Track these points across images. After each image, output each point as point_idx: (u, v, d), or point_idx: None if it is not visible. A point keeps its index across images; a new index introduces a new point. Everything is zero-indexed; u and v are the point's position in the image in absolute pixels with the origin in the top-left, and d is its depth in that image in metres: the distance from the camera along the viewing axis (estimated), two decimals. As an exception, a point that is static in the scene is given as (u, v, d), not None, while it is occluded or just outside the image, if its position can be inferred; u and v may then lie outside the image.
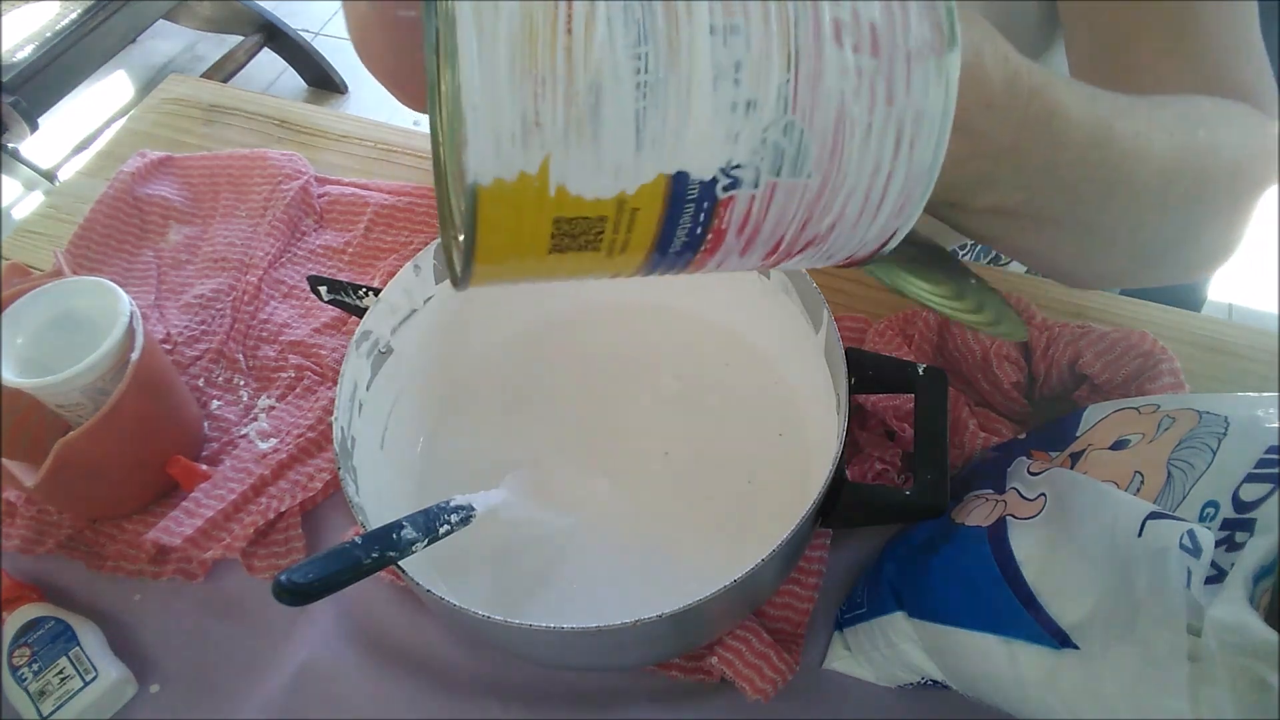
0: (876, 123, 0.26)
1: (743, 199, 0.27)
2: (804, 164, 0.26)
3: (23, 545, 0.60)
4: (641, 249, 0.28)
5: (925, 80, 0.26)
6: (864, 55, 0.26)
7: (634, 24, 0.24)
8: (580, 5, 0.23)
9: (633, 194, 0.25)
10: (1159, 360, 0.53)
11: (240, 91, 0.91)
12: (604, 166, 0.25)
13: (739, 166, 0.26)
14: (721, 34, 0.24)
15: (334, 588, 0.40)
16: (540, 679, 0.53)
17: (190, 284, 0.74)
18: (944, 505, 0.48)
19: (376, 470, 0.53)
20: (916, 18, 0.26)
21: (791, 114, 0.25)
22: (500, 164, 0.24)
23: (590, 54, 0.23)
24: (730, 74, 0.25)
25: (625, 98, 0.24)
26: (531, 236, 0.26)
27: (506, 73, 0.23)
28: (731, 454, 0.58)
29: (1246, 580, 0.33)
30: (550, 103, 0.24)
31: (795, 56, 0.25)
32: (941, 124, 0.27)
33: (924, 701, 0.50)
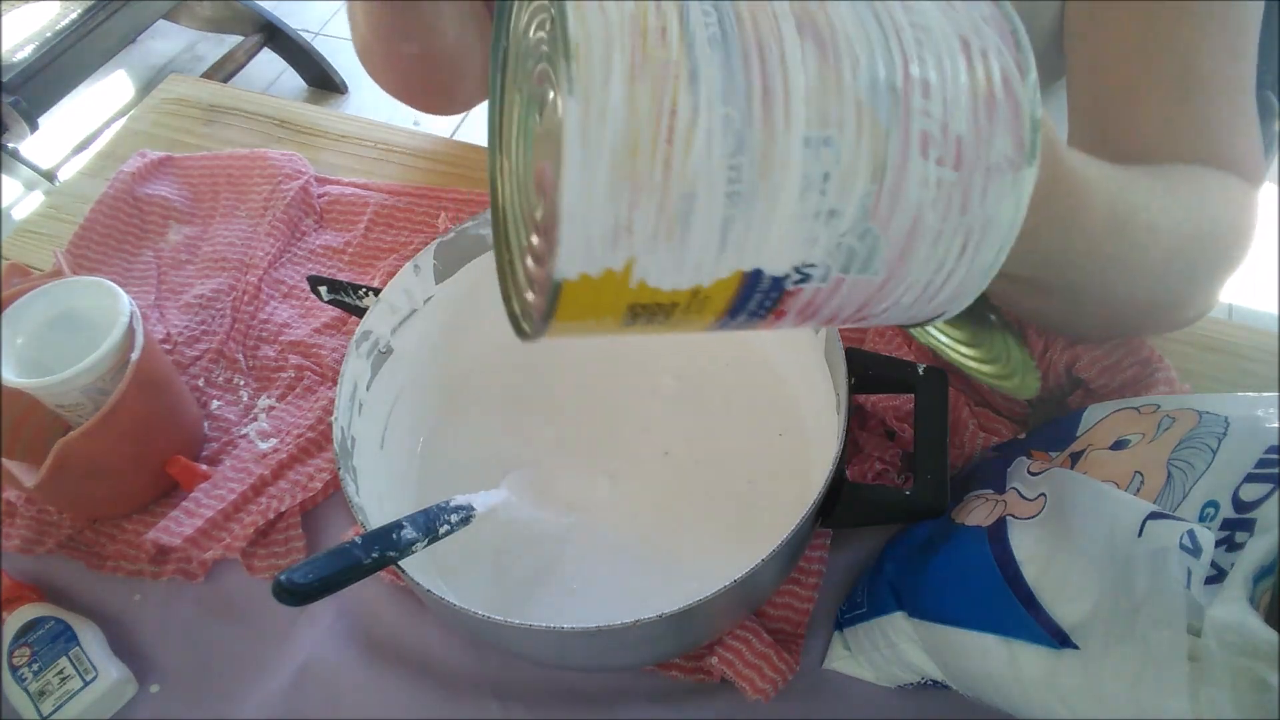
0: (948, 229, 0.27)
1: (809, 290, 0.27)
2: (873, 263, 0.27)
3: (23, 545, 0.60)
4: (705, 323, 0.29)
5: (1000, 193, 0.27)
6: (946, 168, 0.26)
7: (733, 134, 0.24)
8: (683, 115, 0.24)
9: (708, 286, 0.26)
10: (1155, 369, 0.53)
11: (240, 91, 0.91)
12: (685, 266, 0.26)
13: (812, 265, 0.27)
14: (815, 146, 0.25)
15: (334, 588, 0.40)
16: (540, 679, 0.53)
17: (190, 284, 0.74)
18: (944, 505, 0.48)
19: (376, 470, 0.53)
20: (1001, 131, 0.27)
21: (870, 221, 0.26)
22: (588, 264, 0.25)
23: (688, 164, 0.24)
24: (818, 185, 0.25)
25: (715, 206, 0.25)
26: (607, 315, 0.27)
27: (606, 182, 0.24)
28: (731, 454, 0.58)
29: (1246, 580, 0.33)
30: (644, 211, 0.24)
31: (882, 169, 0.26)
32: (1009, 232, 0.28)
33: (924, 701, 0.50)
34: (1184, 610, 0.33)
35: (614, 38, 0.24)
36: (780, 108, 0.24)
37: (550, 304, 0.26)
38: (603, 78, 0.23)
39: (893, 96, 0.25)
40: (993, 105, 0.27)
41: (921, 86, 0.26)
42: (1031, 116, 0.27)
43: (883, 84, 0.25)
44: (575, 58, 0.23)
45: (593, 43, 0.23)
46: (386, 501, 0.53)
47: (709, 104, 0.24)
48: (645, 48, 0.24)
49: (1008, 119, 0.27)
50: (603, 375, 0.62)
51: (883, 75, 0.25)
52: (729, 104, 0.24)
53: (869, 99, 0.25)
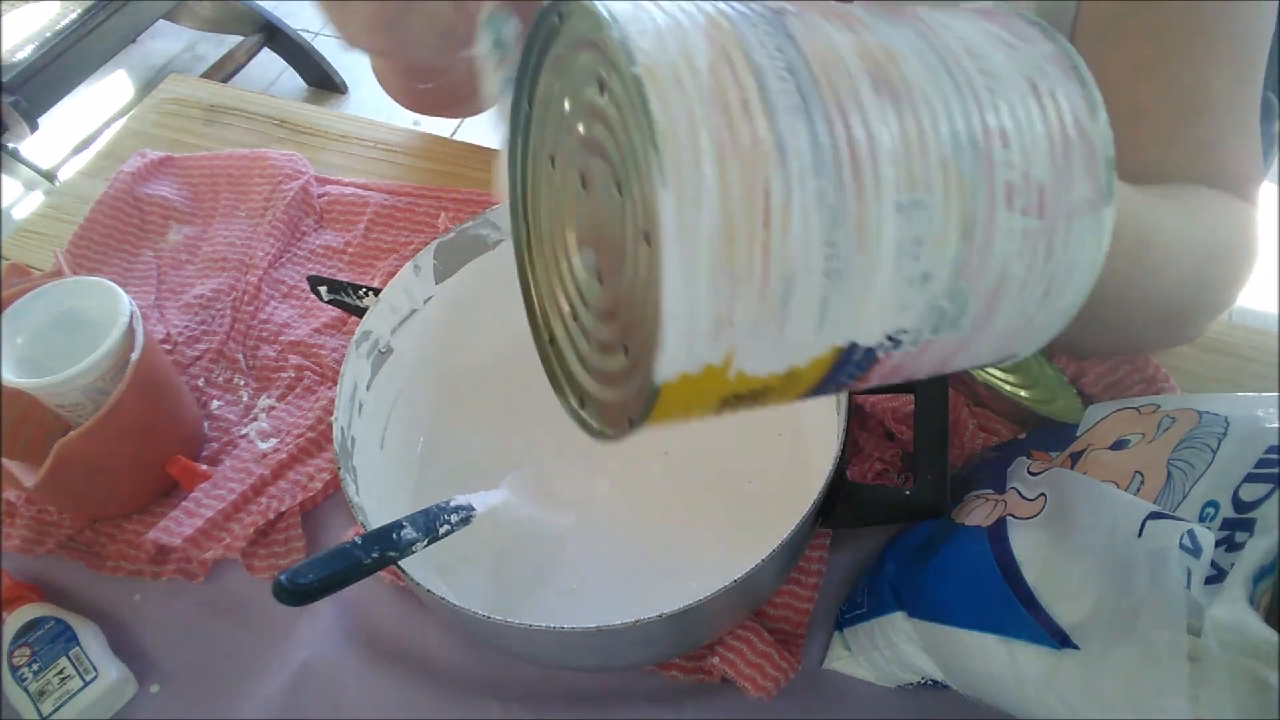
0: (1033, 279, 0.26)
1: (897, 356, 0.26)
2: (962, 322, 0.26)
3: (23, 545, 0.60)
4: (791, 399, 0.28)
5: (1083, 235, 0.26)
6: (1031, 217, 0.25)
7: (827, 209, 0.23)
8: (777, 195, 0.22)
9: (804, 366, 0.25)
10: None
11: (240, 91, 0.91)
12: (783, 349, 0.24)
13: (904, 331, 0.26)
14: (907, 210, 0.24)
15: (334, 588, 0.40)
16: (540, 679, 0.53)
17: (190, 284, 0.74)
18: (944, 505, 0.48)
19: (376, 470, 0.53)
20: (1080, 173, 0.26)
21: (961, 280, 0.25)
22: (689, 363, 0.23)
23: (786, 247, 0.23)
24: (911, 249, 0.24)
25: (814, 286, 0.23)
26: (699, 407, 0.26)
27: (707, 277, 0.22)
28: (731, 454, 0.58)
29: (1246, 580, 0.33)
30: (744, 301, 0.23)
31: (971, 225, 0.25)
32: (1090, 273, 0.27)
33: (924, 701, 0.50)
34: (1184, 610, 0.33)
35: (698, 115, 0.22)
36: (870, 174, 0.23)
37: (646, 409, 0.25)
38: (693, 163, 0.21)
39: (974, 150, 0.25)
40: (1068, 147, 0.26)
41: (1000, 136, 0.25)
42: (1105, 154, 0.26)
43: (964, 137, 0.25)
44: (664, 144, 0.21)
45: (676, 125, 0.21)
46: (386, 501, 0.53)
47: (801, 179, 0.22)
48: (730, 124, 0.22)
49: (1084, 160, 0.26)
50: (603, 375, 0.62)
51: (962, 128, 0.25)
52: (820, 176, 0.23)
53: (952, 154, 0.24)
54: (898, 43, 0.25)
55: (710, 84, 0.22)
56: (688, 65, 0.22)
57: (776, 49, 0.23)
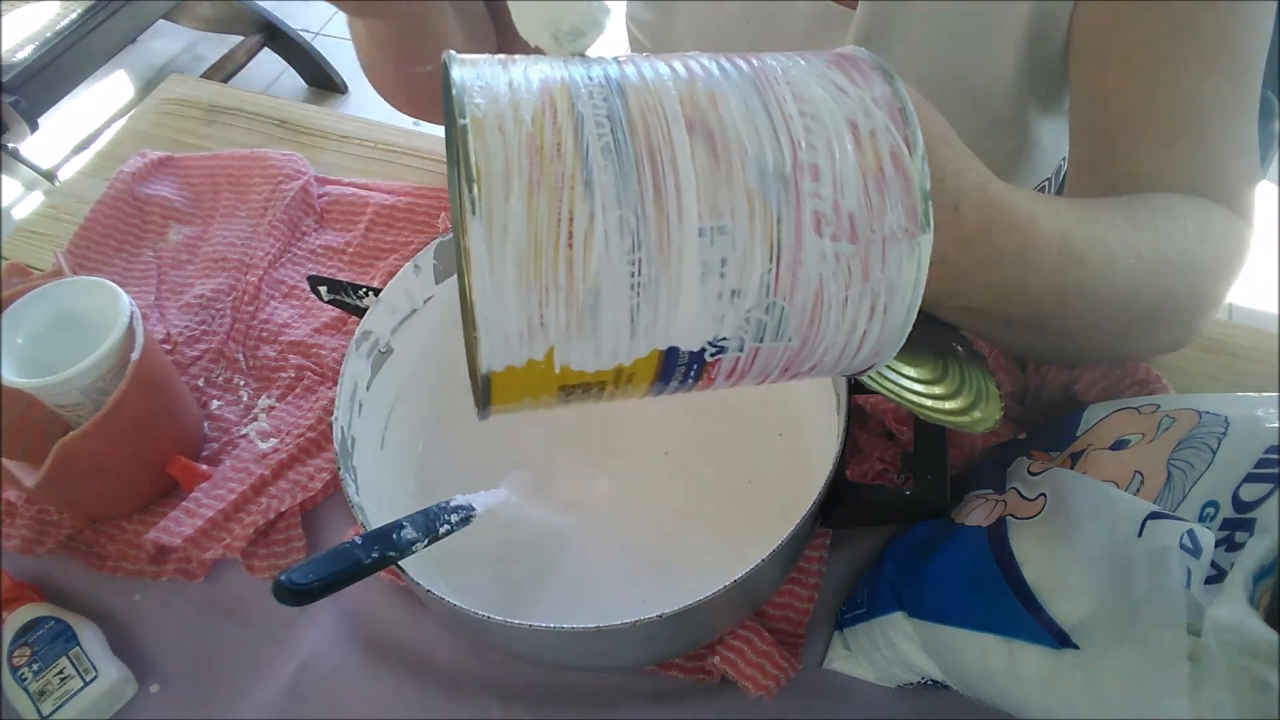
0: (853, 296, 0.29)
1: (728, 360, 0.30)
2: (784, 332, 0.29)
3: (23, 545, 0.60)
4: (639, 394, 0.31)
5: (899, 259, 0.29)
6: (842, 243, 0.28)
7: (629, 234, 0.26)
8: (580, 221, 0.26)
9: (629, 365, 0.28)
10: (1155, 390, 0.53)
11: (240, 91, 0.91)
12: (603, 352, 0.28)
13: (725, 339, 0.29)
14: (709, 235, 0.27)
15: (334, 588, 0.40)
16: (540, 679, 0.53)
17: (190, 284, 0.74)
18: (944, 505, 0.48)
19: (376, 470, 0.53)
20: (893, 204, 0.28)
21: (773, 296, 0.28)
22: (509, 357, 0.27)
23: (589, 264, 0.26)
24: (717, 269, 0.27)
25: (621, 298, 0.27)
26: (540, 396, 0.29)
27: (513, 287, 0.26)
28: (731, 454, 0.58)
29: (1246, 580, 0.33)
30: (553, 308, 0.26)
31: (778, 248, 0.28)
32: (913, 292, 0.30)
33: (924, 701, 0.50)
34: (1184, 610, 0.33)
35: (513, 158, 0.26)
36: (673, 204, 0.27)
37: (484, 392, 0.28)
38: (502, 195, 0.26)
39: (782, 183, 0.27)
40: (882, 181, 0.28)
41: (811, 170, 0.28)
42: (921, 188, 0.29)
43: (771, 172, 0.27)
44: (476, 180, 0.26)
45: (492, 165, 0.26)
46: (386, 501, 0.53)
47: (604, 209, 0.26)
48: (542, 164, 0.26)
49: (899, 193, 0.28)
50: (603, 375, 0.62)
51: (771, 164, 0.27)
52: (624, 206, 0.26)
53: (759, 187, 0.27)
54: (725, 89, 0.28)
55: (530, 131, 0.26)
56: (514, 116, 0.27)
57: (602, 99, 0.27)
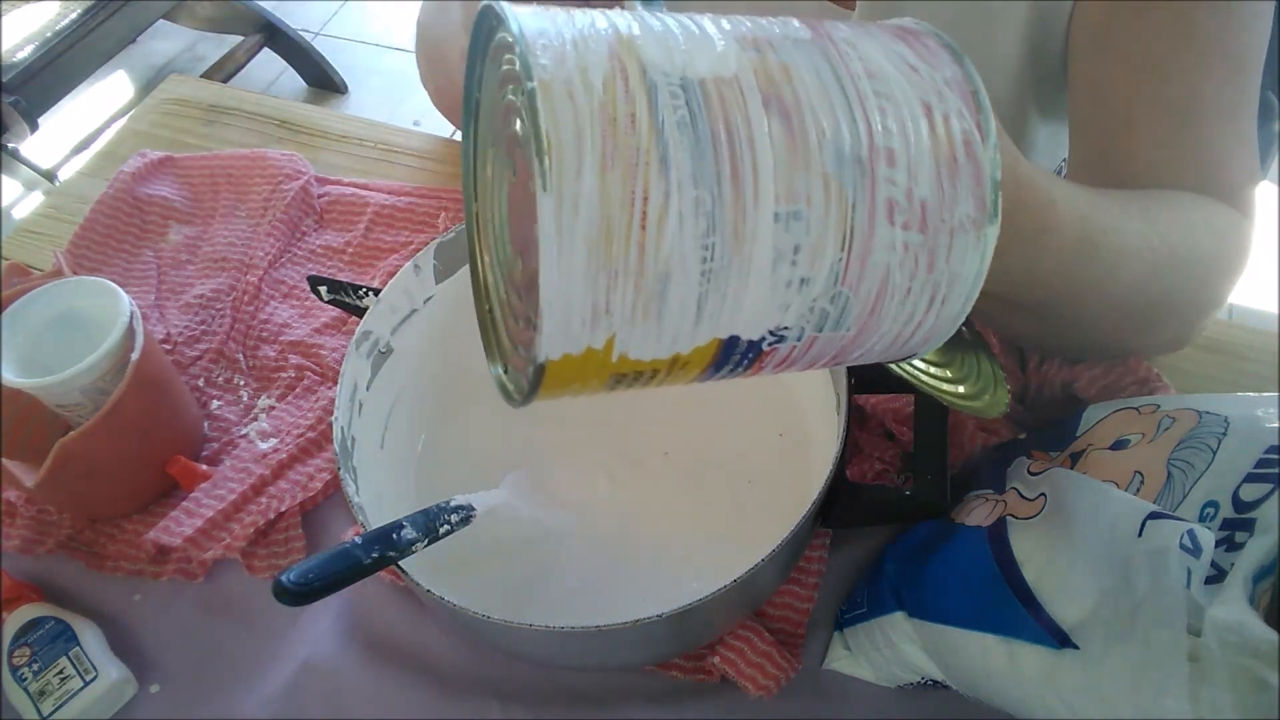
0: (915, 286, 0.28)
1: (784, 349, 0.28)
2: (845, 322, 0.28)
3: (23, 545, 0.60)
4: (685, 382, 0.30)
5: (964, 250, 0.28)
6: (913, 232, 0.27)
7: (704, 216, 0.25)
8: (655, 201, 0.24)
9: (686, 354, 0.27)
10: (1155, 388, 0.53)
11: (240, 91, 0.91)
12: (664, 339, 0.26)
13: (786, 329, 0.28)
14: (785, 220, 0.26)
15: (334, 588, 0.40)
16: (540, 679, 0.53)
17: (190, 284, 0.74)
18: (944, 505, 0.48)
19: (376, 470, 0.53)
20: (964, 194, 0.28)
21: (840, 285, 0.27)
22: (569, 345, 0.26)
23: (661, 247, 0.25)
24: (789, 256, 0.26)
25: (690, 284, 0.25)
26: (592, 382, 0.28)
27: (582, 270, 0.24)
28: (731, 454, 0.58)
29: (1246, 580, 0.33)
30: (620, 293, 0.25)
31: (850, 237, 0.27)
32: (974, 285, 0.29)
33: (924, 701, 0.50)
34: (1184, 610, 0.33)
35: (584, 128, 0.24)
36: (750, 187, 0.25)
37: (535, 381, 0.27)
38: (574, 170, 0.24)
39: (858, 167, 0.26)
40: (955, 169, 0.28)
41: (886, 155, 0.27)
42: (993, 178, 0.28)
43: (848, 155, 0.26)
44: (547, 153, 0.24)
45: (563, 135, 0.24)
46: (386, 501, 0.53)
47: (679, 188, 0.25)
48: (616, 136, 0.24)
49: (970, 182, 0.28)
50: (603, 375, 0.62)
51: (848, 146, 0.26)
52: (699, 187, 0.25)
53: (835, 171, 0.26)
54: (798, 62, 0.27)
55: (602, 99, 0.24)
56: (583, 80, 0.24)
57: (673, 62, 0.25)
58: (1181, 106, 0.50)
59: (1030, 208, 0.38)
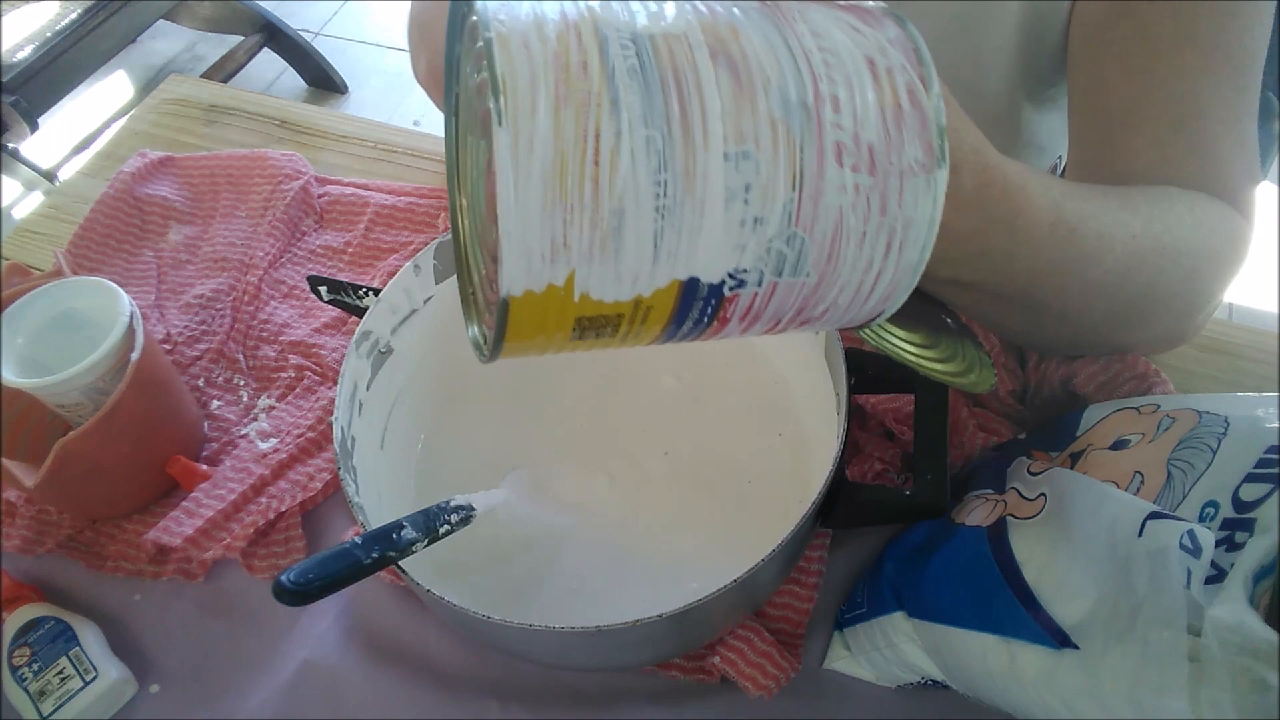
0: (870, 230, 0.29)
1: (746, 295, 0.29)
2: (803, 266, 0.29)
3: (23, 545, 0.60)
4: (652, 335, 0.30)
5: (915, 194, 0.29)
6: (862, 174, 0.28)
7: (655, 154, 0.26)
8: (607, 139, 0.26)
9: (648, 296, 0.28)
10: (1153, 384, 0.53)
11: (240, 91, 0.91)
12: (623, 277, 0.27)
13: (745, 271, 0.28)
14: (734, 160, 0.27)
15: (334, 588, 0.40)
16: (540, 679, 0.53)
17: (190, 284, 0.74)
18: (944, 505, 0.48)
19: (376, 470, 0.53)
20: (911, 138, 0.29)
21: (795, 226, 0.28)
22: (530, 280, 0.27)
23: (615, 183, 0.26)
24: (740, 195, 0.27)
25: (645, 220, 0.27)
26: (555, 330, 0.29)
27: (539, 204, 0.26)
28: (731, 454, 0.58)
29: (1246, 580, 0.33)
30: (577, 228, 0.26)
31: (800, 177, 0.28)
32: (929, 230, 0.30)
33: (924, 701, 0.50)
34: (1184, 610, 0.33)
35: (539, 73, 0.26)
36: (698, 127, 0.27)
37: (501, 321, 0.28)
38: (529, 108, 0.25)
39: (804, 112, 0.28)
40: (900, 115, 0.29)
41: (831, 102, 0.28)
42: (938, 124, 0.29)
43: (794, 101, 0.28)
44: (503, 92, 0.25)
45: (519, 78, 0.25)
46: (386, 501, 0.53)
47: (630, 127, 0.26)
48: (568, 80, 0.26)
49: (916, 127, 0.29)
50: (603, 375, 0.63)
51: (794, 94, 0.28)
52: (650, 127, 0.26)
53: (782, 115, 0.27)
54: (745, 24, 0.28)
55: (556, 49, 0.26)
56: (538, 34, 0.26)
57: (625, 25, 0.27)
58: (1181, 107, 0.50)
59: (1000, 189, 0.38)
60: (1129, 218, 0.45)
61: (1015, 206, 0.39)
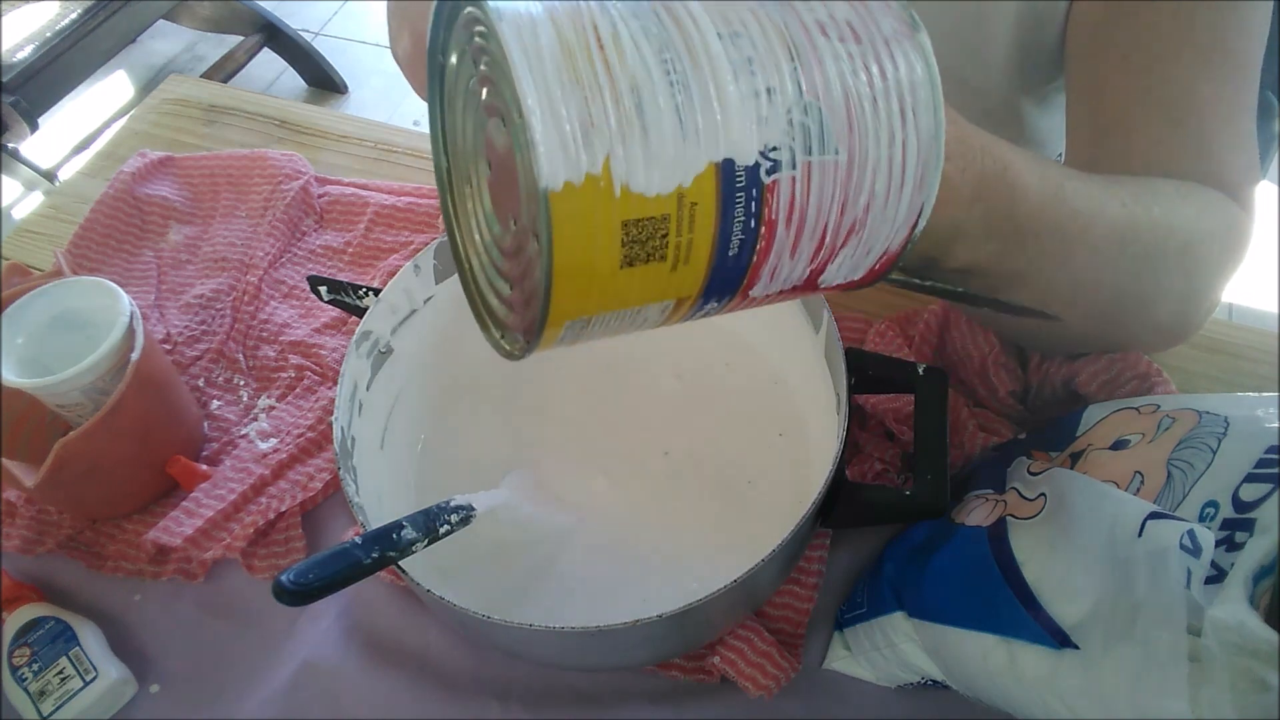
0: (879, 94, 0.30)
1: (785, 182, 0.29)
2: (829, 139, 0.30)
3: (23, 545, 0.60)
4: (703, 254, 0.29)
5: (906, 56, 0.31)
6: (849, 43, 0.30)
7: (653, 38, 0.28)
8: (604, 29, 0.27)
9: (689, 186, 0.28)
10: (1155, 383, 0.53)
11: (240, 91, 0.91)
12: (659, 159, 0.27)
13: (775, 149, 0.29)
14: (729, 38, 0.28)
15: (334, 588, 0.40)
16: (540, 679, 0.53)
17: (190, 284, 0.74)
18: (944, 505, 0.48)
19: (376, 470, 0.53)
20: (881, 14, 0.31)
21: (807, 95, 0.29)
22: (569, 166, 0.26)
23: (624, 62, 0.27)
24: (746, 67, 0.28)
25: (663, 93, 0.27)
26: (605, 244, 0.28)
27: (556, 82, 0.26)
28: (731, 454, 0.58)
29: (1246, 580, 0.33)
30: (600, 105, 0.27)
31: (795, 50, 0.29)
32: (932, 91, 0.31)
33: (924, 701, 0.50)
34: (1184, 610, 0.33)
35: None
36: (685, 16, 0.28)
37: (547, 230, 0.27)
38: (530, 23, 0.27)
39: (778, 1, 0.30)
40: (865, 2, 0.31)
41: None
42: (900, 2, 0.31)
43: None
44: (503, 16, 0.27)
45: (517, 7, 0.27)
46: (386, 501, 0.53)
47: (624, 19, 0.27)
48: None
49: (881, 8, 0.31)
50: (603, 375, 0.63)
51: None
52: (639, 18, 0.28)
53: (759, 4, 0.29)
54: None
55: None
56: None
57: None
58: (1180, 106, 0.50)
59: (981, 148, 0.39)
60: (1116, 187, 0.46)
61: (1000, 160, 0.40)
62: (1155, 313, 0.51)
